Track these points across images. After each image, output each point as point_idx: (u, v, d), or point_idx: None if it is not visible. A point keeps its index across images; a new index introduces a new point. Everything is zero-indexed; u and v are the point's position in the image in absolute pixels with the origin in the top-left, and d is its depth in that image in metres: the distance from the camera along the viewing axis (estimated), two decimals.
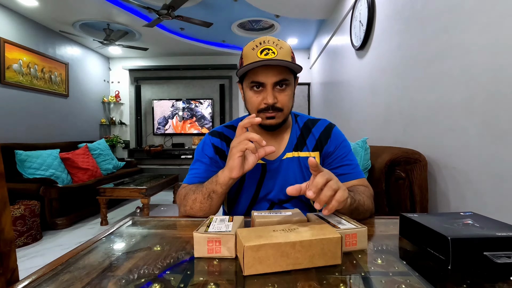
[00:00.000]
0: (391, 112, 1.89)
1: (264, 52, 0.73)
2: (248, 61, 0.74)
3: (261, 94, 0.76)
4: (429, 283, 0.40)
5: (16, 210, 2.32)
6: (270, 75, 0.74)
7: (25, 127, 3.48)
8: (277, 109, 0.76)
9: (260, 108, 0.77)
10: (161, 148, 5.14)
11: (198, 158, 0.86)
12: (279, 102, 0.76)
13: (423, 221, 0.50)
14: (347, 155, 0.84)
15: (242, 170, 0.68)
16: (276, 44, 0.74)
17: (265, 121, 0.78)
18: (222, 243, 0.48)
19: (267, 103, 0.75)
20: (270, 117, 0.77)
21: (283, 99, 0.76)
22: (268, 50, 0.73)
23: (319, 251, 0.44)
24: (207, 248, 0.48)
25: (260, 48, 0.74)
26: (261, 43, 0.75)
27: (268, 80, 0.74)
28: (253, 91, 0.77)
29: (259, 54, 0.73)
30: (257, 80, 0.75)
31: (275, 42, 0.75)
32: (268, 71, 0.73)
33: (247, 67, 0.72)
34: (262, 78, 0.74)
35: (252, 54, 0.74)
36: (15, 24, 3.37)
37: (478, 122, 1.11)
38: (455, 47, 1.25)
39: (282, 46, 0.75)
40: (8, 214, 0.45)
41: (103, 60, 5.28)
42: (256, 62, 0.70)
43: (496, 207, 1.04)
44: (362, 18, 2.32)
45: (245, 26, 4.21)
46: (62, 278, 0.43)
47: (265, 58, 0.72)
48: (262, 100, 0.76)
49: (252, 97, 0.77)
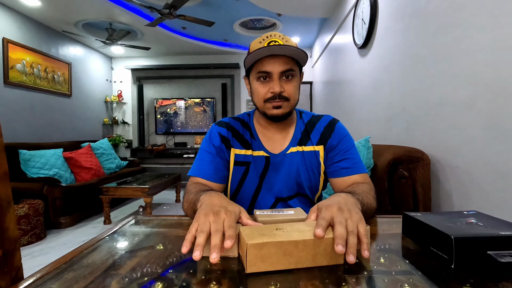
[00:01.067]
0: (393, 110, 1.88)
1: (271, 43, 0.75)
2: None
3: (268, 84, 0.78)
4: (432, 282, 0.39)
5: (20, 209, 2.34)
6: (277, 65, 0.75)
7: (28, 127, 3.50)
8: (283, 98, 0.78)
9: (266, 98, 0.78)
10: (164, 147, 5.16)
11: (205, 148, 0.87)
12: (285, 92, 0.77)
13: (426, 220, 0.50)
14: (350, 149, 0.84)
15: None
16: (282, 38, 0.77)
17: (271, 110, 0.79)
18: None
19: (274, 92, 0.76)
20: (277, 106, 0.78)
21: (289, 89, 0.78)
22: (275, 42, 0.76)
23: (322, 251, 0.44)
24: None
25: (266, 41, 0.76)
26: (268, 37, 0.77)
27: (274, 69, 0.76)
28: (259, 82, 0.79)
29: (266, 45, 0.75)
30: (264, 70, 0.76)
31: (281, 36, 0.78)
32: (275, 60, 0.75)
33: (255, 54, 0.74)
34: (269, 67, 0.76)
35: (259, 47, 0.76)
36: (18, 24, 3.39)
37: (482, 120, 1.10)
38: (458, 45, 1.24)
39: (287, 40, 0.78)
40: (13, 213, 0.46)
41: (106, 60, 5.30)
42: (263, 48, 0.73)
43: (500, 206, 1.03)
44: (365, 16, 2.31)
45: (247, 25, 4.21)
46: (66, 276, 0.43)
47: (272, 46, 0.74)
48: (268, 89, 0.78)
49: (259, 88, 0.79)
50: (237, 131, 0.88)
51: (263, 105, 0.80)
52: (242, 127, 0.89)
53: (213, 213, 0.49)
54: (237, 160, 0.86)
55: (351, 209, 0.50)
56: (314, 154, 0.85)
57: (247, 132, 0.88)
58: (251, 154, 0.86)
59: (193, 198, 0.69)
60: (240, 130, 0.88)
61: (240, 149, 0.86)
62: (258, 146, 0.86)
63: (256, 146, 0.87)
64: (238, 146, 0.87)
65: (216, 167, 0.84)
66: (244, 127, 0.89)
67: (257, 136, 0.88)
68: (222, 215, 0.48)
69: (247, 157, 0.86)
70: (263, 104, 0.80)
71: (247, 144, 0.87)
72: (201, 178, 0.82)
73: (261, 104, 0.80)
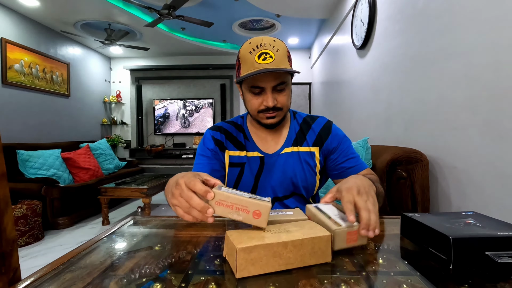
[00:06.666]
0: (392, 111, 1.88)
1: (261, 57, 0.73)
2: (246, 66, 0.75)
3: (260, 96, 0.78)
4: (431, 283, 0.39)
5: (18, 209, 2.33)
6: (269, 80, 0.75)
7: (26, 127, 3.49)
8: (277, 109, 0.79)
9: (260, 109, 0.79)
10: (162, 148, 5.15)
11: (200, 153, 0.88)
12: (278, 103, 0.78)
13: (425, 221, 0.50)
14: (350, 149, 0.87)
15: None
16: (273, 47, 0.74)
17: (265, 120, 0.81)
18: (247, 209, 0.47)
19: (267, 105, 0.77)
20: (270, 117, 0.80)
21: (282, 100, 0.79)
22: (266, 54, 0.73)
23: (309, 250, 0.45)
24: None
25: (257, 53, 0.73)
26: (258, 47, 0.74)
27: (267, 85, 0.76)
28: (252, 94, 0.79)
29: (257, 59, 0.73)
30: (257, 85, 0.76)
31: (271, 44, 0.74)
32: (267, 76, 0.74)
33: (247, 75, 0.73)
34: (262, 83, 0.76)
35: (250, 58, 0.74)
36: (16, 25, 3.38)
37: (480, 121, 1.11)
38: (457, 46, 1.24)
39: (278, 48, 0.75)
40: (10, 214, 0.46)
41: (104, 60, 5.29)
42: (256, 72, 0.71)
43: (498, 207, 1.04)
44: (363, 17, 2.32)
45: (246, 26, 4.21)
46: (64, 277, 0.43)
47: (264, 63, 0.72)
48: (262, 102, 0.78)
49: (252, 100, 0.79)
50: (230, 133, 0.90)
51: (257, 114, 0.81)
52: (235, 129, 0.91)
53: (172, 192, 0.50)
54: (232, 161, 0.87)
55: (368, 192, 0.54)
56: (310, 155, 0.86)
57: (241, 134, 0.90)
58: (245, 155, 0.87)
59: None
60: (233, 132, 0.90)
61: (234, 151, 0.88)
62: (252, 147, 0.88)
63: (250, 147, 0.88)
64: (232, 148, 0.88)
65: (212, 168, 0.85)
66: (238, 129, 0.91)
67: (251, 138, 0.89)
68: (181, 185, 0.48)
69: (241, 158, 0.87)
70: (256, 114, 0.81)
71: (241, 145, 0.88)
72: None
73: (255, 113, 0.81)
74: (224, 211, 0.46)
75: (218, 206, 0.46)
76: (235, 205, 0.46)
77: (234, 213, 0.46)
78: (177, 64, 5.31)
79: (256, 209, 0.46)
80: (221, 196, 0.46)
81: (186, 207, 0.47)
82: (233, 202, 0.46)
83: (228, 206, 0.46)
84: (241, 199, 0.46)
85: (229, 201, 0.46)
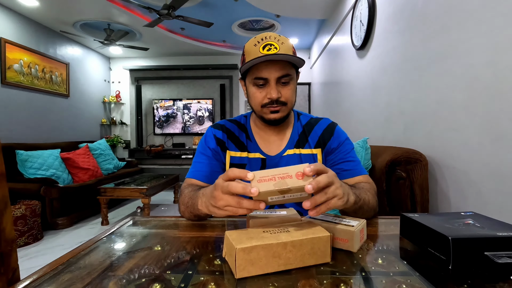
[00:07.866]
0: (391, 112, 1.88)
1: (266, 47, 0.73)
2: (250, 57, 0.74)
3: (264, 89, 0.77)
4: (430, 283, 0.40)
5: (17, 210, 2.32)
6: (273, 70, 0.74)
7: (26, 127, 3.48)
8: (281, 103, 0.77)
9: (263, 103, 0.78)
10: (162, 148, 5.14)
11: (201, 151, 0.87)
12: (282, 96, 0.77)
13: (424, 221, 0.50)
14: (350, 152, 0.85)
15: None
16: (278, 40, 0.75)
17: (269, 115, 0.79)
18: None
19: (271, 98, 0.76)
20: (274, 111, 0.78)
21: (286, 93, 0.78)
22: (270, 45, 0.73)
23: (309, 250, 0.45)
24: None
25: (262, 44, 0.74)
26: (263, 39, 0.75)
27: (271, 75, 0.75)
28: (256, 87, 0.78)
29: (262, 50, 0.73)
30: (261, 76, 0.75)
31: (277, 37, 0.75)
32: (271, 66, 0.74)
33: (251, 63, 0.73)
34: (266, 73, 0.75)
35: (254, 50, 0.74)
36: (16, 24, 3.38)
37: (479, 121, 1.11)
38: (456, 46, 1.24)
39: (283, 42, 0.75)
40: (9, 214, 0.45)
41: (104, 60, 5.29)
42: (260, 58, 0.71)
43: (497, 207, 1.04)
44: (363, 17, 2.32)
45: (245, 26, 4.21)
46: (63, 277, 0.43)
47: (268, 53, 0.72)
48: (265, 95, 0.77)
49: (256, 93, 0.78)
50: (232, 133, 0.88)
51: (261, 109, 0.79)
52: (238, 129, 0.89)
53: (213, 196, 0.51)
54: (233, 162, 0.86)
55: (344, 187, 0.52)
56: (312, 157, 0.85)
57: (243, 134, 0.89)
58: (246, 156, 0.86)
59: (188, 201, 0.69)
60: (236, 132, 0.89)
61: (235, 151, 0.86)
62: (254, 148, 0.87)
63: (252, 148, 0.87)
64: (233, 148, 0.87)
65: (212, 169, 0.84)
66: (240, 129, 0.89)
67: (254, 138, 0.88)
68: (218, 184, 0.50)
69: (242, 159, 0.86)
70: (260, 109, 0.79)
71: (242, 146, 0.87)
72: (197, 179, 0.82)
73: (258, 108, 0.80)
74: (268, 185, 0.46)
75: (261, 183, 0.46)
76: (276, 176, 0.47)
77: (279, 183, 0.46)
78: (177, 64, 5.31)
79: (297, 171, 0.47)
80: (260, 173, 0.47)
81: (234, 200, 0.48)
82: (274, 173, 0.47)
83: (270, 179, 0.47)
84: (279, 169, 0.47)
85: (270, 174, 0.47)
